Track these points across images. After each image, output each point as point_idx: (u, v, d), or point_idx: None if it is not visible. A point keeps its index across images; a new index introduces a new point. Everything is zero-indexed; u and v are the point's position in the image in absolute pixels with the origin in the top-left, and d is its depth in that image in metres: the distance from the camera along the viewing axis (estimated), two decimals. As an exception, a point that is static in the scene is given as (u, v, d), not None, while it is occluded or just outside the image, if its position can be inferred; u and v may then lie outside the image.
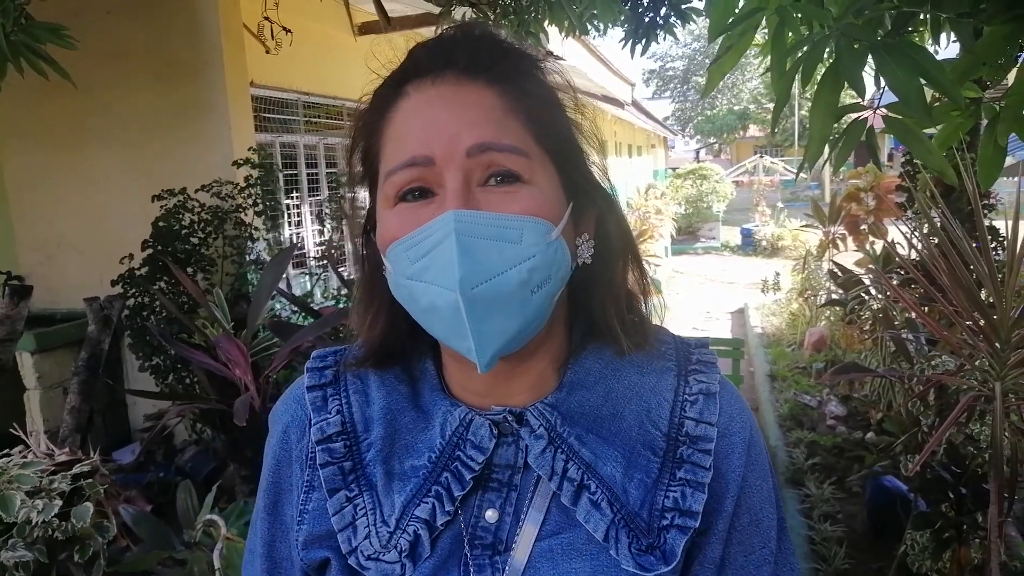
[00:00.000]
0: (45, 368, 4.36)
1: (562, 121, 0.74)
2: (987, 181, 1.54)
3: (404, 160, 0.67)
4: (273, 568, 0.82)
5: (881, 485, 3.50)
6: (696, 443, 0.74)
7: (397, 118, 0.70)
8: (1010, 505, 2.36)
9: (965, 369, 2.41)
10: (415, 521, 0.72)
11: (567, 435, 0.73)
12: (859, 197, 6.82)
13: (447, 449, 0.74)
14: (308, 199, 5.64)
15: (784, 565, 0.79)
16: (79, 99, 4.29)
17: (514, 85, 0.70)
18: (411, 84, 0.70)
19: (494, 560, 0.72)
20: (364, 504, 0.75)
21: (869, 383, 4.71)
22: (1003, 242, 3.78)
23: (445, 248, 0.63)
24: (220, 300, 3.38)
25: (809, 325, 6.90)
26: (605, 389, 0.75)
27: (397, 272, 0.68)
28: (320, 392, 0.80)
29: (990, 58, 1.39)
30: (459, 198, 0.64)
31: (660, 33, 3.72)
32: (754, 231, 15.30)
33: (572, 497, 0.71)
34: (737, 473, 0.75)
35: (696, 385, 0.77)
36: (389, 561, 0.72)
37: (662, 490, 0.72)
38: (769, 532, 0.77)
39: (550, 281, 0.67)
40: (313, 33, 5.25)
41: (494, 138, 0.66)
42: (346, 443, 0.77)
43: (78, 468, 1.99)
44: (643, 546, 0.70)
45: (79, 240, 4.85)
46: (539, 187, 0.68)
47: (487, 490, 0.74)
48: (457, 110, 0.67)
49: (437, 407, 0.76)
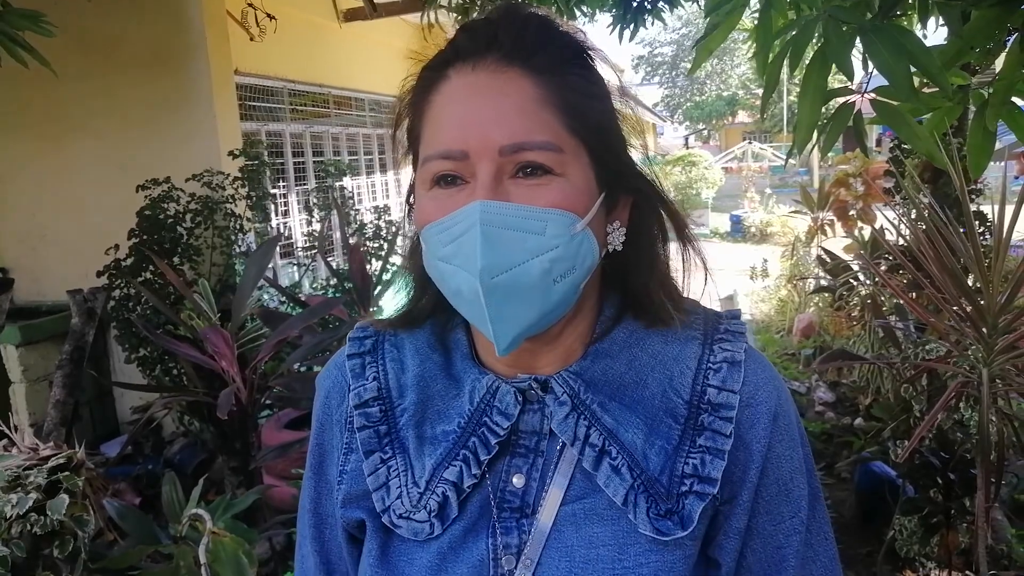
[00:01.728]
0: (30, 361, 4.32)
1: (602, 111, 0.74)
2: (977, 168, 1.53)
3: (440, 151, 0.69)
4: (319, 523, 0.88)
5: (870, 471, 3.51)
6: (718, 411, 0.75)
7: (437, 102, 0.72)
8: (997, 490, 2.37)
9: (953, 355, 2.41)
10: (443, 483, 0.76)
11: (590, 402, 0.75)
12: (847, 183, 6.82)
13: (475, 415, 0.77)
14: (295, 188, 5.60)
15: (817, 534, 0.80)
16: (61, 89, 4.24)
17: (554, 74, 0.70)
18: (453, 67, 0.71)
19: (520, 523, 0.75)
20: (397, 466, 0.79)
21: (858, 369, 4.73)
22: (991, 227, 3.78)
23: (470, 236, 0.66)
24: (206, 291, 3.34)
25: (798, 311, 6.91)
26: (629, 357, 0.77)
27: (430, 252, 0.72)
28: (359, 360, 0.85)
29: (978, 42, 1.38)
30: (488, 189, 0.67)
31: (648, 18, 3.69)
32: (743, 217, 15.31)
33: (593, 462, 0.73)
34: (762, 443, 0.76)
35: (721, 354, 0.78)
36: (419, 520, 0.76)
37: (682, 457, 0.74)
38: (800, 502, 0.78)
39: (574, 271, 0.69)
40: (297, 20, 5.20)
41: (526, 136, 0.67)
42: (382, 408, 0.81)
43: (54, 461, 1.96)
44: (661, 511, 0.72)
45: (63, 232, 4.80)
46: (569, 179, 0.69)
47: (514, 456, 0.77)
48: (492, 102, 0.68)
49: (467, 375, 0.79)
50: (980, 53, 1.53)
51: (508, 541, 0.74)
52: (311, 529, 0.88)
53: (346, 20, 5.84)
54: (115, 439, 4.63)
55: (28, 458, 2.00)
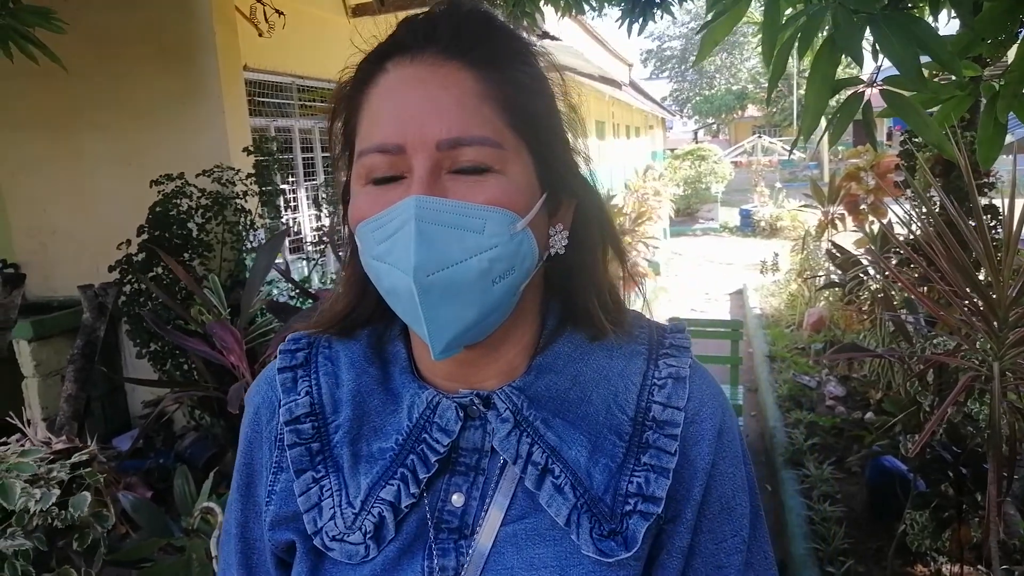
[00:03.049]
0: (42, 356, 4.35)
1: (544, 109, 0.72)
2: (987, 161, 1.53)
3: (375, 145, 0.66)
4: (247, 548, 0.83)
5: (880, 465, 3.50)
6: (662, 428, 0.73)
7: (374, 95, 0.69)
8: (1009, 484, 2.36)
9: (964, 349, 2.40)
10: (380, 503, 0.72)
11: (533, 418, 0.72)
12: (859, 176, 6.79)
13: (414, 432, 0.73)
14: (304, 183, 5.61)
15: (758, 553, 0.78)
16: (71, 85, 4.26)
17: (495, 69, 0.68)
18: (391, 60, 0.69)
19: (459, 544, 0.72)
20: (330, 485, 0.75)
21: (868, 363, 4.72)
22: (1002, 220, 3.76)
23: (404, 233, 0.63)
24: (216, 286, 3.36)
25: (808, 306, 6.89)
26: (573, 373, 0.75)
27: (365, 251, 0.69)
28: (291, 373, 0.80)
29: (989, 33, 1.37)
30: (424, 184, 0.64)
31: (657, 12, 3.68)
32: (753, 212, 15.28)
33: (536, 481, 0.71)
34: (706, 460, 0.74)
35: (666, 369, 0.76)
36: (353, 543, 0.72)
37: (626, 475, 0.72)
38: (742, 520, 0.76)
39: (513, 272, 0.67)
40: (306, 15, 5.20)
41: (464, 131, 0.65)
42: (314, 424, 0.77)
43: (77, 457, 1.98)
44: (604, 531, 0.70)
45: (74, 227, 4.82)
46: (509, 177, 0.67)
47: (454, 474, 0.73)
48: (431, 95, 0.66)
49: (406, 389, 0.76)
50: (991, 45, 1.52)
51: (445, 563, 0.71)
52: (238, 555, 0.83)
53: (354, 15, 5.84)
54: (127, 433, 4.66)
55: (45, 452, 2.03)
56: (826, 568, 3.22)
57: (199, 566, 2.06)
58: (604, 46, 13.09)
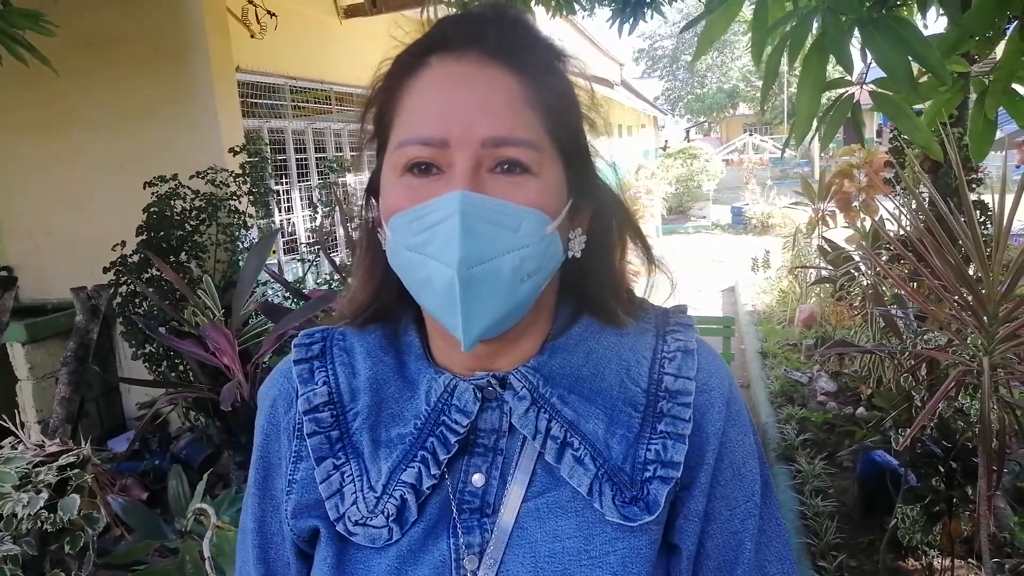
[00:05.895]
0: (36, 359, 4.34)
1: (576, 118, 0.75)
2: (979, 155, 1.55)
3: (420, 137, 0.67)
4: (264, 543, 0.84)
5: (872, 460, 3.52)
6: (675, 397, 0.76)
7: (416, 88, 0.70)
8: (999, 478, 2.38)
9: (954, 344, 2.42)
10: (401, 486, 0.74)
11: (549, 395, 0.75)
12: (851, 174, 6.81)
13: (432, 415, 0.75)
14: (297, 185, 5.61)
15: (770, 519, 0.81)
16: (62, 87, 4.25)
17: (536, 76, 0.70)
18: (435, 55, 0.70)
19: (482, 522, 0.74)
20: (351, 471, 0.77)
21: (859, 359, 4.74)
22: (991, 216, 3.78)
23: (449, 225, 0.64)
24: (210, 287, 3.36)
25: (799, 302, 6.92)
26: (586, 350, 0.78)
27: (397, 241, 0.69)
28: (307, 365, 0.82)
29: (978, 29, 1.38)
30: (468, 180, 0.65)
31: (648, 11, 3.69)
32: (744, 209, 15.29)
33: (556, 454, 0.73)
34: (717, 427, 0.77)
35: (674, 343, 0.79)
36: (376, 526, 0.74)
37: (643, 444, 0.74)
38: (753, 486, 0.79)
39: (539, 272, 0.69)
40: (298, 16, 5.20)
41: (509, 132, 0.67)
42: (333, 412, 0.79)
43: (64, 459, 1.97)
44: (627, 498, 0.72)
45: (67, 229, 4.81)
46: (545, 181, 0.69)
47: (473, 455, 0.76)
48: (478, 94, 0.67)
49: (422, 376, 0.78)
50: (980, 41, 1.53)
51: (470, 540, 0.73)
52: (256, 550, 0.84)
53: (347, 16, 5.83)
54: (122, 435, 4.65)
55: (35, 455, 2.02)
56: (818, 563, 3.23)
57: (192, 568, 2.06)
58: (596, 45, 13.12)
